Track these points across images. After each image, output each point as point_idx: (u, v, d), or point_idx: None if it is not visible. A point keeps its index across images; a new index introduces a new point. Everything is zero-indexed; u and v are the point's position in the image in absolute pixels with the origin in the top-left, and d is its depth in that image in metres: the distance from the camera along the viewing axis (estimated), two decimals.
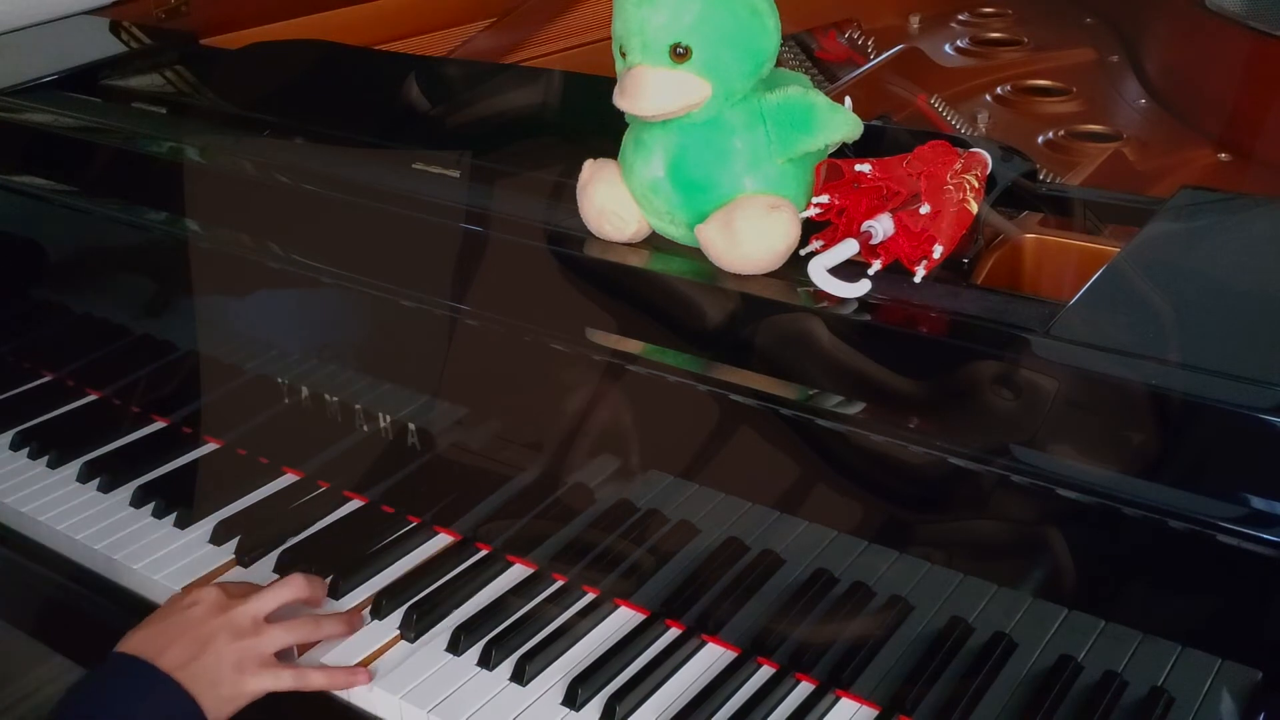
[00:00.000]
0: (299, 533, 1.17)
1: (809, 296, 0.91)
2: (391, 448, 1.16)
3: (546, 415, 1.06)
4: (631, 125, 0.99)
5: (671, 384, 0.95)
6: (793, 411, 0.90)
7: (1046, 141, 1.39)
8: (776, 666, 0.99)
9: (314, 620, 1.03)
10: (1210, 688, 0.81)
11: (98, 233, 1.32)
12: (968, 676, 0.90)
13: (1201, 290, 0.88)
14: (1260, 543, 0.75)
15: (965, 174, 0.94)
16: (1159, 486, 0.78)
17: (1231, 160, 1.32)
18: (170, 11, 1.68)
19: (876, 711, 0.94)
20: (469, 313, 1.05)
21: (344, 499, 1.21)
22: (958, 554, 0.89)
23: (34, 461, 1.30)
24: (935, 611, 0.91)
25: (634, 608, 1.05)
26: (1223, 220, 0.99)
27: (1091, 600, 0.84)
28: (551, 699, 0.98)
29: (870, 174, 0.93)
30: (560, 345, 1.00)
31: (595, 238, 1.01)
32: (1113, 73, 1.57)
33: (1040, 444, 0.82)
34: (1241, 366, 0.78)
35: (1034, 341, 0.83)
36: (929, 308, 0.89)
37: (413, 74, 1.32)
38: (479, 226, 1.06)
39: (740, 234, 0.92)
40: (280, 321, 1.21)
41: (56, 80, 1.47)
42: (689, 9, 0.90)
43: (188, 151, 1.26)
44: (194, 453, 1.30)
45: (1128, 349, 0.81)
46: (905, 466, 0.87)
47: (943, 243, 0.91)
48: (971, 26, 1.74)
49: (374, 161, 1.20)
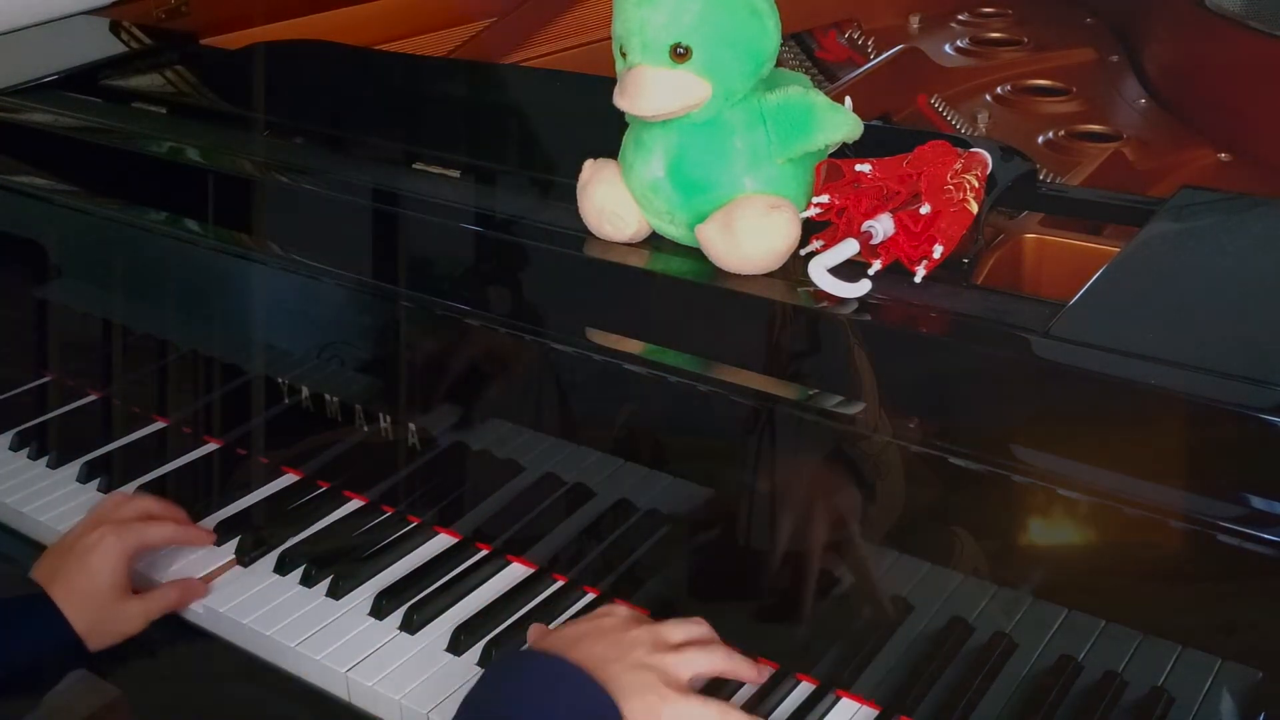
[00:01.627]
0: (299, 532, 1.17)
1: (809, 296, 0.91)
2: (391, 448, 1.16)
3: (546, 415, 1.06)
4: (631, 125, 0.99)
5: (671, 384, 0.95)
6: (793, 411, 0.90)
7: (1046, 141, 1.38)
8: (776, 666, 0.99)
9: (728, 654, 0.95)
10: (1210, 688, 0.81)
11: (98, 233, 1.32)
12: (968, 676, 0.90)
13: (1201, 290, 0.88)
14: (1260, 543, 0.75)
15: (965, 174, 0.94)
16: (1159, 486, 0.78)
17: (1231, 160, 1.32)
18: (170, 11, 1.68)
19: (876, 711, 0.94)
20: (468, 313, 1.05)
21: (344, 498, 1.21)
22: (958, 554, 0.89)
23: (34, 461, 1.30)
24: (935, 611, 0.91)
25: (634, 608, 1.05)
26: (1223, 220, 0.99)
27: (1091, 600, 0.84)
28: None
29: (870, 174, 0.93)
30: (560, 345, 1.00)
31: (595, 238, 1.01)
32: (1113, 73, 1.57)
33: (1040, 444, 0.82)
34: (1241, 366, 0.78)
35: (1034, 341, 0.83)
36: (929, 308, 0.89)
37: (413, 74, 1.32)
38: (479, 227, 1.06)
39: (740, 234, 0.92)
40: (280, 321, 1.21)
41: (56, 80, 1.47)
42: (689, 9, 0.91)
43: (188, 151, 1.27)
44: (194, 453, 1.30)
45: (1128, 349, 0.81)
46: (905, 466, 0.87)
47: (943, 243, 0.91)
48: (971, 26, 1.74)
49: (374, 161, 1.20)
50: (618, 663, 0.89)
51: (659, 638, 0.92)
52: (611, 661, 0.89)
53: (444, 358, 1.09)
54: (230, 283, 1.22)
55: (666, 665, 0.90)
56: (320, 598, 1.09)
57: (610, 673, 0.88)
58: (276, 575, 1.12)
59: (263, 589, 1.10)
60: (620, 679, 0.88)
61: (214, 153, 1.26)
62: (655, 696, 0.88)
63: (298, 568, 1.12)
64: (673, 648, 0.91)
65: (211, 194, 1.21)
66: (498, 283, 1.05)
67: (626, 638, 0.91)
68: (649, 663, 0.89)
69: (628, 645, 0.90)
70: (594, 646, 0.90)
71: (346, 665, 1.02)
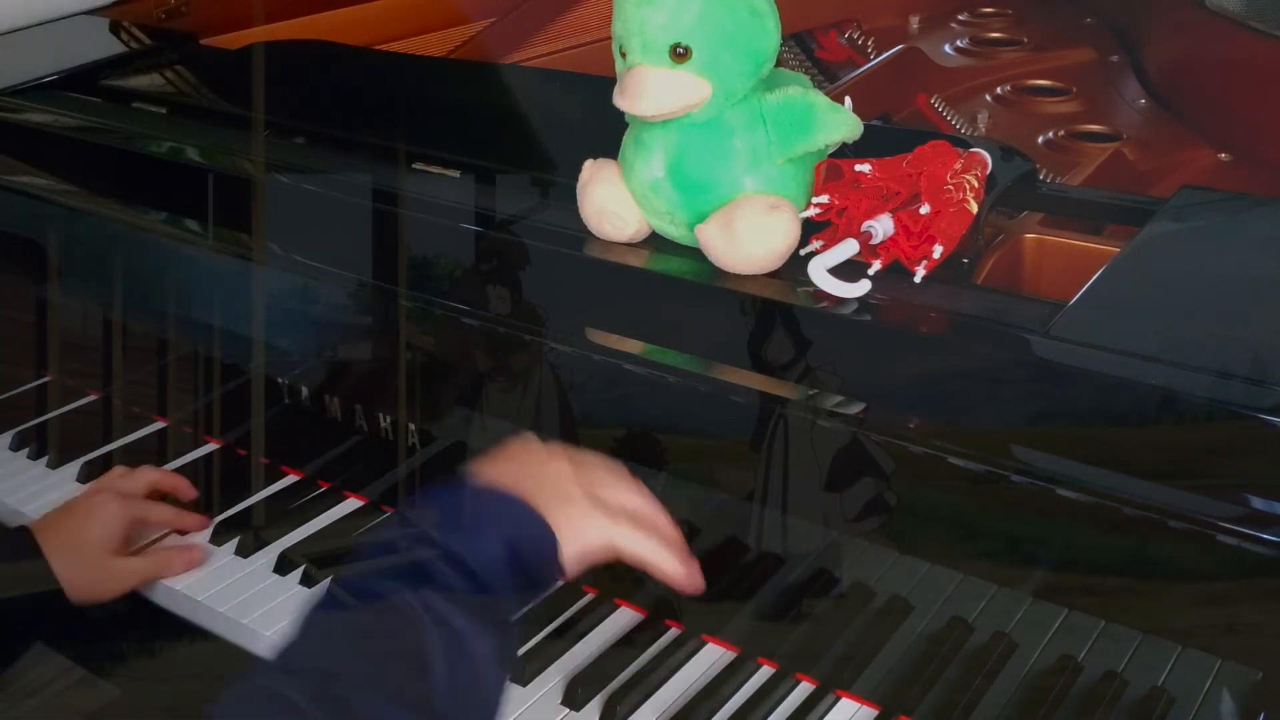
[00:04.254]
0: (299, 532, 1.17)
1: (809, 296, 0.91)
2: (391, 448, 1.16)
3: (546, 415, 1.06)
4: (631, 125, 0.99)
5: (671, 384, 0.95)
6: (793, 411, 0.90)
7: (1046, 141, 1.38)
8: (776, 666, 0.99)
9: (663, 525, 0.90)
10: (1210, 688, 0.81)
11: (98, 233, 1.32)
12: (968, 676, 0.90)
13: (1201, 290, 0.88)
14: (1260, 543, 0.75)
15: (965, 174, 0.94)
16: (1159, 486, 0.78)
17: (1231, 160, 1.32)
18: (170, 11, 1.68)
19: (876, 711, 0.94)
20: (468, 313, 1.05)
21: (344, 498, 1.21)
22: (958, 554, 0.89)
23: (34, 461, 1.30)
24: (935, 611, 0.91)
25: (634, 608, 1.05)
26: (1223, 220, 0.99)
27: (1091, 600, 0.84)
28: (551, 699, 0.97)
29: (870, 174, 0.94)
30: (560, 345, 1.00)
31: (595, 238, 1.01)
32: (1113, 73, 1.57)
33: (1040, 444, 0.82)
34: (1241, 366, 0.78)
35: (1034, 341, 0.83)
36: (929, 308, 0.89)
37: (413, 74, 1.32)
38: (479, 227, 1.06)
39: (740, 234, 0.92)
40: (280, 321, 1.21)
41: (56, 80, 1.47)
42: (689, 9, 0.91)
43: (188, 151, 1.27)
44: (194, 453, 1.30)
45: (1127, 349, 0.81)
46: (905, 466, 0.87)
47: (943, 243, 0.91)
48: (971, 26, 1.74)
49: (373, 161, 1.20)
50: (550, 491, 0.84)
51: (590, 480, 0.87)
52: (544, 489, 0.84)
53: (444, 358, 1.09)
54: (230, 283, 1.22)
55: (605, 496, 0.86)
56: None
57: (542, 499, 0.83)
58: (276, 575, 1.12)
59: (262, 589, 1.10)
60: (553, 505, 0.83)
61: (214, 153, 1.26)
62: (588, 523, 0.84)
63: (297, 568, 1.12)
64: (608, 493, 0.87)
65: (211, 194, 1.21)
66: (497, 283, 1.05)
67: (550, 469, 0.87)
68: (576, 491, 0.85)
69: (552, 474, 0.86)
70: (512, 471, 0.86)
71: None
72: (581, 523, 0.84)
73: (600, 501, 0.85)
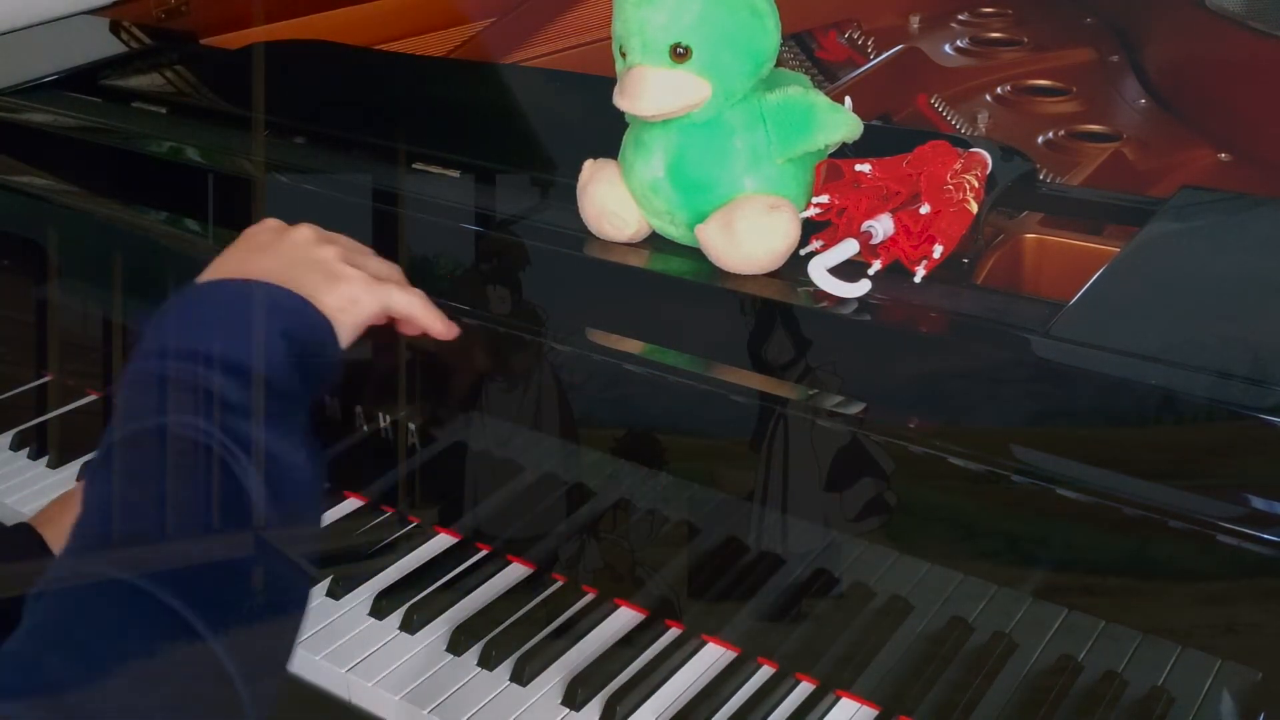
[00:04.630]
0: None
1: (809, 296, 0.91)
2: (391, 448, 1.16)
3: (546, 415, 1.06)
4: (631, 125, 0.99)
5: (671, 384, 0.95)
6: (793, 411, 0.90)
7: (1046, 141, 1.38)
8: (776, 666, 0.99)
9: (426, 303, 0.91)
10: (1210, 688, 0.81)
11: (98, 233, 1.32)
12: (968, 676, 0.90)
13: (1201, 290, 0.88)
14: (1260, 543, 0.75)
15: (965, 174, 0.94)
16: (1159, 486, 0.78)
17: (1231, 160, 1.32)
18: (170, 11, 1.68)
19: (876, 711, 0.94)
20: (468, 313, 1.05)
21: (344, 498, 1.21)
22: (958, 554, 0.89)
23: (34, 462, 1.30)
24: (935, 611, 0.91)
25: (634, 608, 1.05)
26: (1223, 220, 0.99)
27: (1091, 600, 0.84)
28: (551, 699, 0.97)
29: (870, 174, 0.94)
30: (560, 345, 1.00)
31: (595, 238, 1.01)
32: (1113, 73, 1.57)
33: (1040, 443, 0.82)
34: (1241, 366, 0.78)
35: (1034, 341, 0.83)
36: (929, 308, 0.89)
37: (413, 74, 1.32)
38: (479, 227, 1.06)
39: (740, 234, 0.93)
40: None
41: (56, 80, 1.47)
42: (689, 9, 0.91)
43: (188, 151, 1.26)
44: None
45: (1127, 349, 0.81)
46: (905, 466, 0.87)
47: (943, 243, 0.91)
48: (971, 26, 1.74)
49: (373, 161, 1.20)
50: (302, 265, 0.84)
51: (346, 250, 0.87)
52: (295, 265, 0.84)
53: (444, 358, 1.09)
54: None
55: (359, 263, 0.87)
56: (320, 598, 1.09)
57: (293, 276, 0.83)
58: None
59: None
60: (308, 278, 0.83)
61: (214, 153, 1.26)
62: (357, 287, 0.85)
63: None
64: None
65: (211, 194, 1.21)
66: (497, 283, 1.05)
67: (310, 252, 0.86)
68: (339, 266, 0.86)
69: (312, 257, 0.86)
70: (267, 261, 0.85)
71: (346, 665, 1.02)
72: (356, 291, 0.85)
73: (364, 268, 0.87)
